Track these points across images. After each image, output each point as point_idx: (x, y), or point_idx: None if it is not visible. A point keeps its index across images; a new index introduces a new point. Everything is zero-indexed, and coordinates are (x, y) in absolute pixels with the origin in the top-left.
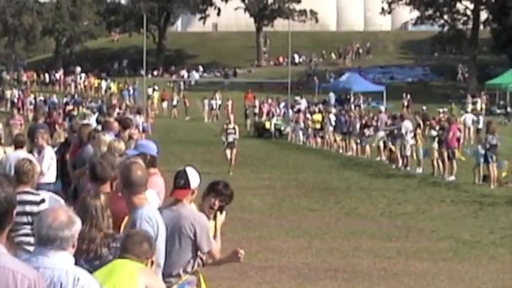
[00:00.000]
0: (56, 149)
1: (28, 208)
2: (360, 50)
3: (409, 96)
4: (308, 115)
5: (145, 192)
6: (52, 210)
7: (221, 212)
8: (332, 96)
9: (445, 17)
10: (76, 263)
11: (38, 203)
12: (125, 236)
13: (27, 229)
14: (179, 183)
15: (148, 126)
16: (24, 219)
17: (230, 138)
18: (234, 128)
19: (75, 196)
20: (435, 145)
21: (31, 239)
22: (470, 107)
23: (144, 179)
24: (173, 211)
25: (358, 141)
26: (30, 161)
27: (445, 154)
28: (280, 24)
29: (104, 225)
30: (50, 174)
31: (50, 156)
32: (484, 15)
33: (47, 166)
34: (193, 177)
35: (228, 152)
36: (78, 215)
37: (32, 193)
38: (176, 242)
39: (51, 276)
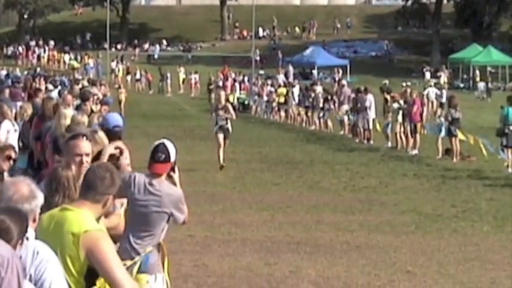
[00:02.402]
0: (22, 123)
1: None
2: (341, 25)
3: (340, 71)
4: (272, 88)
5: None
6: (13, 183)
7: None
8: (291, 70)
9: None
10: None
11: None
12: (87, 170)
13: None
14: (160, 157)
15: (110, 100)
16: None
17: (220, 122)
18: (224, 108)
19: (38, 169)
20: (399, 118)
21: None
22: (428, 81)
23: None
24: (153, 186)
25: (321, 115)
26: None
27: (408, 128)
28: None
29: (76, 196)
30: None
31: (6, 129)
32: None
33: (4, 139)
34: (172, 151)
35: (220, 136)
36: (50, 185)
37: None
38: (154, 216)
39: None
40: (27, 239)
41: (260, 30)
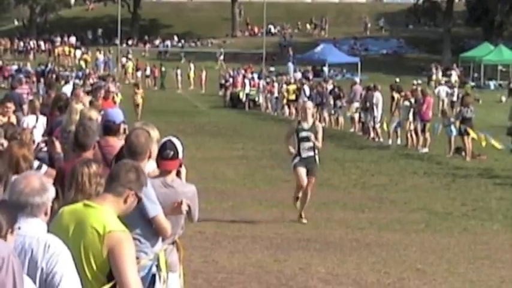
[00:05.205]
0: None
1: None
2: (369, 24)
3: (310, 69)
4: (283, 85)
5: (143, 162)
6: (25, 177)
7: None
8: (291, 67)
9: None
10: None
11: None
12: (115, 164)
13: None
14: (168, 154)
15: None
16: None
17: (305, 152)
18: (312, 129)
19: (51, 165)
20: (410, 116)
21: None
22: (435, 79)
23: (143, 147)
24: (167, 185)
25: (332, 112)
26: (24, 129)
27: (419, 126)
28: None
29: (92, 191)
30: None
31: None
32: None
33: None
34: (180, 147)
35: (301, 171)
36: (68, 180)
37: None
38: (173, 216)
39: (23, 243)
40: (18, 228)
41: (271, 27)
